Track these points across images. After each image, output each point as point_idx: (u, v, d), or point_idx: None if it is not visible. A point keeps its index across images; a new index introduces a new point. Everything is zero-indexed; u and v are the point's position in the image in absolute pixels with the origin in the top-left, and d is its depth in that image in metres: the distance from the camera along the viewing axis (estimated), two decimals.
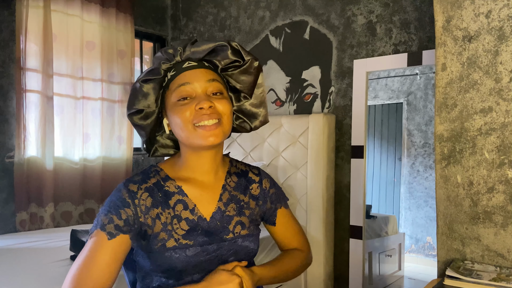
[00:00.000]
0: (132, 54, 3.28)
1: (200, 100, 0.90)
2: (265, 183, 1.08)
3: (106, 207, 0.90)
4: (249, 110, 1.03)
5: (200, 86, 0.92)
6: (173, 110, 0.92)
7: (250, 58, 0.96)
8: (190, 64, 0.94)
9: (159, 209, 0.92)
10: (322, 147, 2.53)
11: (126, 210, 0.89)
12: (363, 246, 2.52)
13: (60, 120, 2.87)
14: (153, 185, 0.94)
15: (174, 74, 0.94)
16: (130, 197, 0.90)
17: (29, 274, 1.69)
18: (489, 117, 1.38)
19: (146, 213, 0.91)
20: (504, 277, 1.23)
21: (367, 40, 2.52)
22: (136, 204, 0.90)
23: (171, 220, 0.93)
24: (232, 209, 1.00)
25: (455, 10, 1.44)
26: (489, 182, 1.38)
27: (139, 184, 0.93)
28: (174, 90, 0.92)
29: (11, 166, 2.69)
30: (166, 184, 0.96)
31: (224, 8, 3.30)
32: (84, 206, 3.01)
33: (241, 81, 0.98)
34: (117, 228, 0.87)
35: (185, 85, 0.91)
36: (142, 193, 0.92)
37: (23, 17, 2.65)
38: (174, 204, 0.94)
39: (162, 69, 0.93)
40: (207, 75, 0.93)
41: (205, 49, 0.93)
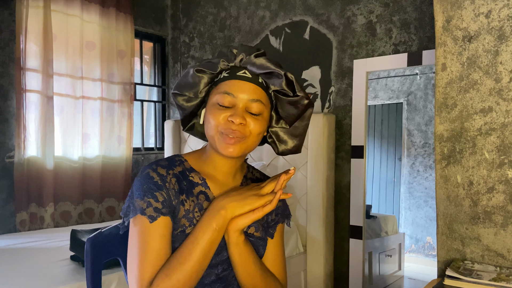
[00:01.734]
0: (132, 54, 3.28)
1: (235, 113, 0.91)
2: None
3: (139, 191, 0.90)
4: (282, 136, 1.04)
5: (243, 101, 0.92)
6: (210, 109, 0.94)
7: (302, 96, 0.95)
8: (245, 74, 0.94)
9: (184, 196, 0.94)
10: (322, 147, 2.53)
11: (162, 192, 0.90)
12: (363, 246, 2.52)
13: (60, 120, 2.88)
14: (178, 173, 0.96)
15: (227, 77, 0.94)
16: (162, 181, 0.91)
17: (29, 274, 1.69)
18: (489, 117, 1.38)
19: (176, 197, 0.93)
20: (504, 277, 1.23)
21: (367, 40, 2.52)
22: (167, 187, 0.91)
23: (193, 208, 0.94)
24: None
25: (455, 10, 1.44)
26: (489, 182, 1.38)
27: (167, 169, 0.94)
28: (219, 93, 0.93)
29: (11, 166, 2.69)
30: (191, 175, 0.97)
31: (224, 8, 3.30)
32: (83, 206, 3.01)
33: (286, 109, 0.98)
34: (156, 210, 0.88)
35: (229, 95, 0.92)
36: (170, 178, 0.93)
37: (23, 17, 2.65)
38: (197, 194, 0.96)
39: (220, 66, 0.95)
40: (254, 94, 0.93)
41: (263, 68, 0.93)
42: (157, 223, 0.87)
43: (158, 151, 3.64)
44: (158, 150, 3.66)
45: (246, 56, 0.94)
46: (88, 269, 1.07)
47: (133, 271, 0.86)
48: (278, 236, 1.07)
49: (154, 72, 3.71)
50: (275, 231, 1.07)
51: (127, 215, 0.90)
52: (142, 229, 0.87)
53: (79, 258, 1.83)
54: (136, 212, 0.88)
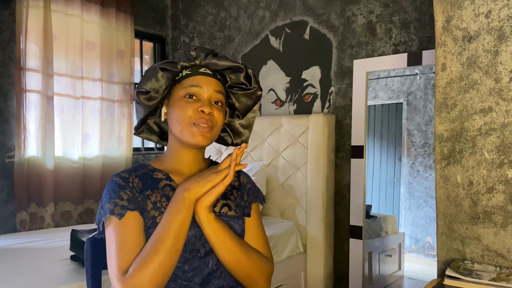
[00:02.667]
0: (132, 54, 3.28)
1: (204, 104, 1.00)
2: (243, 178, 1.16)
3: (106, 196, 0.96)
4: (237, 128, 1.15)
5: (208, 92, 1.03)
6: (178, 103, 1.02)
7: (257, 87, 1.09)
8: (206, 71, 1.05)
9: (149, 191, 1.00)
10: (322, 147, 2.53)
11: (126, 191, 0.96)
12: (363, 246, 2.52)
13: (60, 120, 2.88)
14: (142, 174, 1.03)
15: (190, 74, 1.04)
16: (124, 181, 0.98)
17: (29, 274, 1.69)
18: (489, 117, 1.38)
19: (140, 194, 0.99)
20: (504, 277, 1.23)
21: (367, 40, 2.52)
22: (130, 186, 0.98)
23: (160, 199, 1.00)
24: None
25: (455, 10, 1.44)
26: (489, 182, 1.38)
27: (130, 172, 1.02)
28: (185, 87, 1.02)
29: (11, 166, 2.69)
30: (155, 173, 1.04)
31: (224, 8, 3.30)
32: (83, 206, 3.01)
33: (241, 101, 1.11)
34: (123, 208, 0.93)
35: (196, 87, 1.02)
36: (133, 178, 1.00)
37: (23, 17, 2.65)
38: (162, 187, 1.02)
39: (180, 65, 1.04)
40: (216, 86, 1.04)
41: (224, 65, 1.05)
42: (126, 219, 0.93)
43: (158, 151, 3.65)
44: (158, 150, 3.66)
45: (205, 56, 1.05)
46: (88, 269, 1.07)
47: (111, 264, 0.91)
48: (255, 215, 1.13)
49: None
50: (251, 210, 1.13)
51: (100, 220, 0.96)
52: (114, 227, 0.93)
53: (79, 258, 1.83)
54: (106, 214, 0.94)
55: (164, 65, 1.03)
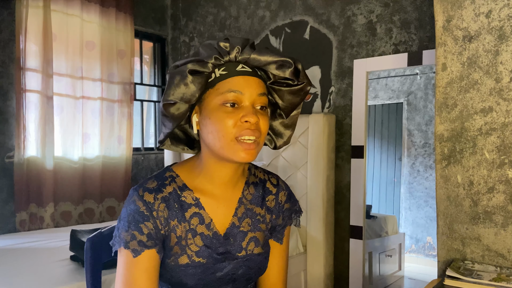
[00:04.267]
0: (132, 54, 3.28)
1: (248, 112, 0.83)
2: (281, 197, 1.01)
3: (125, 221, 0.85)
4: (278, 129, 0.97)
5: (251, 97, 0.84)
6: (215, 114, 0.84)
7: (306, 82, 0.90)
8: (245, 69, 0.86)
9: (175, 221, 0.88)
10: (322, 147, 2.53)
11: (147, 224, 0.85)
12: (363, 246, 2.52)
13: (59, 120, 2.87)
14: (169, 195, 0.88)
15: (225, 75, 0.85)
16: (148, 210, 0.85)
17: (29, 274, 1.69)
18: (490, 117, 1.38)
19: (166, 225, 0.87)
20: (504, 277, 1.22)
21: (367, 40, 2.52)
22: (155, 216, 0.85)
23: (185, 235, 0.88)
24: (247, 224, 0.95)
25: (456, 10, 1.43)
26: (490, 182, 1.38)
27: (155, 193, 0.87)
28: (221, 93, 0.84)
29: (11, 166, 2.69)
30: (183, 194, 0.90)
31: (224, 8, 3.30)
32: (83, 206, 3.01)
33: (286, 99, 0.92)
34: (140, 244, 0.84)
35: (236, 92, 0.83)
36: (159, 203, 0.86)
37: (23, 17, 2.65)
38: (190, 217, 0.89)
39: (211, 63, 0.84)
40: (259, 88, 0.86)
41: (269, 61, 0.86)
42: (140, 258, 0.84)
43: (158, 151, 3.64)
44: (158, 150, 3.65)
45: (242, 49, 0.86)
46: (88, 269, 1.07)
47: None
48: (285, 240, 1.02)
49: (154, 72, 3.71)
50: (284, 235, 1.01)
51: (113, 245, 0.87)
52: (126, 262, 0.84)
53: (79, 258, 1.83)
54: (120, 244, 0.85)
55: (193, 66, 0.83)
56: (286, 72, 0.87)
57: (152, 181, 0.89)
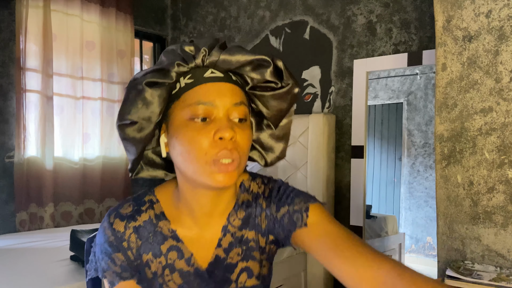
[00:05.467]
0: (132, 54, 3.28)
1: (221, 126, 0.68)
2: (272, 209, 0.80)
3: (98, 248, 0.78)
4: (268, 142, 0.81)
5: (224, 108, 0.69)
6: (183, 132, 0.70)
7: (292, 83, 0.74)
8: (215, 74, 0.71)
9: (150, 255, 0.77)
10: (322, 147, 2.53)
11: (117, 255, 0.76)
12: None
13: (60, 120, 2.87)
14: (143, 224, 0.77)
15: (192, 83, 0.71)
16: (118, 240, 0.76)
17: (29, 274, 1.69)
18: (489, 117, 1.38)
19: (138, 258, 0.78)
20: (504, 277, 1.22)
21: (367, 40, 2.52)
22: (125, 247, 0.76)
23: (162, 271, 0.78)
24: (236, 255, 0.80)
25: (455, 10, 1.43)
26: (489, 182, 1.38)
27: (127, 221, 0.77)
28: (188, 105, 0.69)
29: (11, 166, 2.69)
30: (159, 225, 0.78)
31: (224, 8, 3.30)
32: (84, 206, 3.01)
33: (271, 106, 0.76)
34: (116, 274, 0.76)
35: (205, 104, 0.69)
36: (130, 233, 0.76)
37: (23, 17, 2.65)
38: (166, 251, 0.78)
39: (175, 72, 0.71)
40: (234, 96, 0.71)
41: (241, 61, 0.71)
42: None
43: None
44: None
45: (209, 51, 0.71)
46: None
47: None
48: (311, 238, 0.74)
49: None
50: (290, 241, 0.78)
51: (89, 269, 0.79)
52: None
53: (79, 258, 1.83)
54: (97, 272, 0.78)
55: (151, 78, 0.69)
56: (265, 73, 0.72)
57: (129, 205, 0.79)
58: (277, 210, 0.79)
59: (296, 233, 0.76)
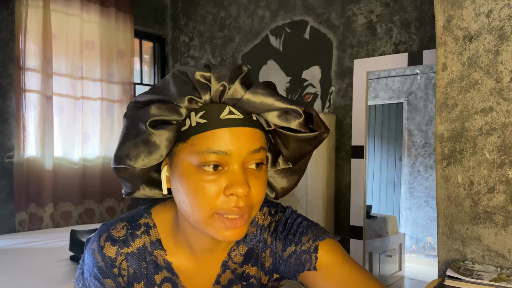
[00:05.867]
0: (131, 54, 3.28)
1: (235, 181, 0.59)
2: (278, 247, 0.73)
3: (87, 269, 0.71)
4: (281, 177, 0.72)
5: (240, 157, 0.60)
6: (188, 180, 0.60)
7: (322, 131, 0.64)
8: (233, 116, 0.60)
9: (141, 285, 0.71)
10: (322, 147, 2.53)
11: (107, 281, 0.69)
12: (363, 246, 2.52)
13: (59, 120, 2.87)
14: (136, 251, 0.70)
15: (205, 126, 0.59)
16: (107, 267, 0.69)
17: (29, 274, 1.69)
18: (490, 117, 1.38)
19: (129, 286, 0.71)
20: (504, 278, 1.22)
21: (368, 39, 2.52)
22: (116, 274, 0.69)
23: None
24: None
25: (456, 9, 1.43)
26: (490, 182, 1.37)
27: (119, 247, 0.69)
28: (199, 152, 0.59)
29: (11, 166, 2.68)
30: (154, 253, 0.71)
31: (224, 8, 3.30)
32: (83, 206, 3.01)
33: (292, 148, 0.66)
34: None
35: (219, 153, 0.58)
36: (122, 260, 0.69)
37: (23, 16, 2.65)
38: (160, 282, 0.71)
39: (185, 108, 0.59)
40: (254, 142, 0.61)
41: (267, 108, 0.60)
42: None
43: None
44: None
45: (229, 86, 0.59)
46: None
47: None
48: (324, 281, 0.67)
49: (153, 72, 3.71)
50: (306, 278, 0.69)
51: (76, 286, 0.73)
52: None
53: (79, 258, 1.83)
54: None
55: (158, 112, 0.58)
56: (293, 122, 0.62)
57: (122, 227, 0.71)
58: (283, 250, 0.72)
59: (304, 274, 0.69)
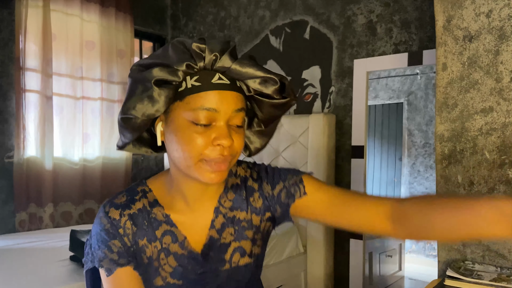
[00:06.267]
0: (131, 54, 3.27)
1: (221, 134, 0.72)
2: (266, 188, 0.89)
3: (94, 239, 0.81)
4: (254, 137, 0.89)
5: (226, 114, 0.73)
6: (182, 132, 0.73)
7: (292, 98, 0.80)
8: (222, 81, 0.73)
9: (144, 241, 0.81)
10: (322, 147, 2.53)
11: (114, 242, 0.79)
12: (363, 246, 2.52)
13: (59, 120, 2.87)
14: (138, 212, 0.81)
15: (199, 88, 0.72)
16: (114, 228, 0.79)
17: (29, 274, 1.69)
18: (490, 117, 1.38)
19: (134, 243, 0.81)
20: (504, 278, 1.22)
21: (368, 39, 2.52)
22: (121, 233, 0.79)
23: (157, 255, 0.81)
24: (229, 234, 0.86)
25: (456, 9, 1.43)
26: (490, 182, 1.37)
27: (122, 209, 0.80)
28: (192, 109, 0.72)
29: (11, 166, 2.68)
30: (153, 211, 0.82)
31: (224, 8, 3.30)
32: (84, 206, 3.01)
33: (266, 112, 0.82)
34: (113, 262, 0.79)
35: (210, 110, 0.72)
36: (125, 221, 0.80)
37: (23, 16, 2.64)
38: (161, 235, 0.82)
39: (182, 71, 0.71)
40: (237, 103, 0.74)
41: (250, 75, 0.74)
42: (115, 276, 0.79)
43: None
44: None
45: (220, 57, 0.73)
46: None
47: None
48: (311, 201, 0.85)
49: None
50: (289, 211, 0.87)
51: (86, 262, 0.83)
52: (104, 281, 0.81)
53: (79, 258, 1.83)
54: (94, 263, 0.81)
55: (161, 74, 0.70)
56: (270, 88, 0.77)
57: (122, 196, 0.83)
58: (272, 188, 0.89)
59: (295, 204, 0.86)
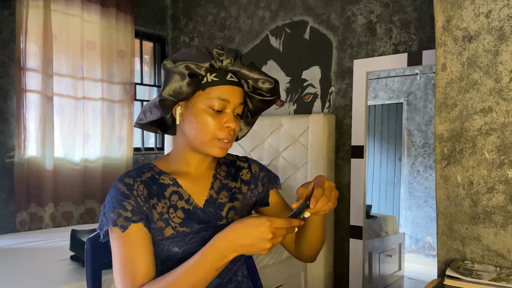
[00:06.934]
0: (132, 54, 3.28)
1: (230, 119, 0.96)
2: (254, 168, 1.14)
3: (109, 204, 0.92)
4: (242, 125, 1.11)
5: (234, 105, 0.97)
6: (201, 115, 0.96)
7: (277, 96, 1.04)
8: (233, 79, 0.98)
9: (155, 200, 0.96)
10: (322, 147, 2.53)
11: (129, 201, 0.92)
12: (363, 246, 2.52)
13: (60, 120, 2.87)
14: (147, 179, 0.98)
15: (217, 82, 0.96)
16: (128, 189, 0.93)
17: (29, 274, 1.69)
18: (489, 117, 1.38)
19: (146, 203, 0.94)
20: (504, 277, 1.23)
21: (367, 40, 2.52)
22: (135, 195, 0.93)
23: (167, 210, 0.97)
24: (224, 196, 1.05)
25: (455, 10, 1.44)
26: (489, 182, 1.38)
27: (134, 177, 0.96)
28: (211, 98, 0.95)
29: (11, 166, 2.69)
30: (161, 178, 1.00)
31: (224, 8, 3.30)
32: (85, 206, 3.01)
33: (256, 106, 1.05)
34: (126, 219, 0.90)
35: (224, 101, 0.95)
36: (138, 185, 0.95)
37: (23, 17, 2.65)
38: (169, 195, 0.98)
39: (205, 68, 0.94)
40: (240, 97, 0.99)
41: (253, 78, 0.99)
42: (130, 231, 0.90)
43: (158, 151, 3.64)
44: (158, 150, 3.66)
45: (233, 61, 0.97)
46: (88, 269, 1.07)
47: (116, 280, 0.91)
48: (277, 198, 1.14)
49: (154, 72, 3.71)
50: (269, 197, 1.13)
51: (101, 228, 0.93)
52: (117, 239, 0.91)
53: (79, 258, 1.83)
54: (108, 224, 0.91)
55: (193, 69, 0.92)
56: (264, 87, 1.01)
57: (132, 171, 0.99)
58: (260, 171, 1.15)
59: (273, 190, 1.14)
